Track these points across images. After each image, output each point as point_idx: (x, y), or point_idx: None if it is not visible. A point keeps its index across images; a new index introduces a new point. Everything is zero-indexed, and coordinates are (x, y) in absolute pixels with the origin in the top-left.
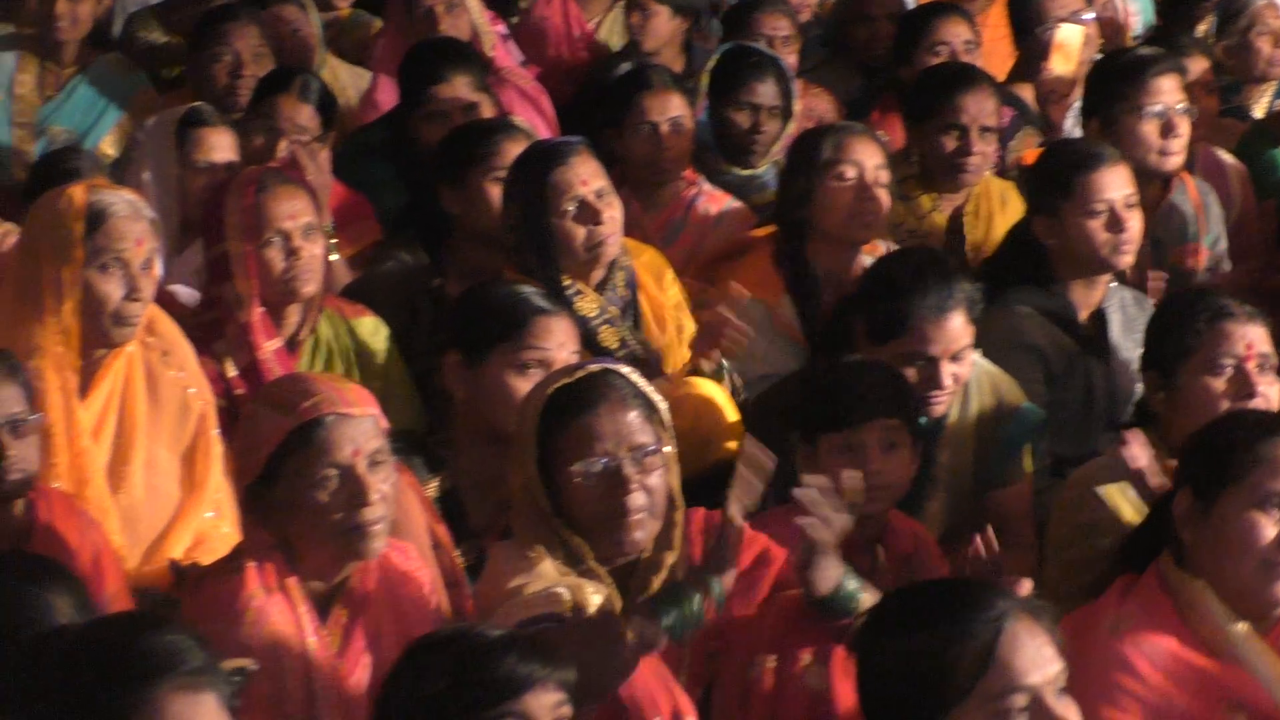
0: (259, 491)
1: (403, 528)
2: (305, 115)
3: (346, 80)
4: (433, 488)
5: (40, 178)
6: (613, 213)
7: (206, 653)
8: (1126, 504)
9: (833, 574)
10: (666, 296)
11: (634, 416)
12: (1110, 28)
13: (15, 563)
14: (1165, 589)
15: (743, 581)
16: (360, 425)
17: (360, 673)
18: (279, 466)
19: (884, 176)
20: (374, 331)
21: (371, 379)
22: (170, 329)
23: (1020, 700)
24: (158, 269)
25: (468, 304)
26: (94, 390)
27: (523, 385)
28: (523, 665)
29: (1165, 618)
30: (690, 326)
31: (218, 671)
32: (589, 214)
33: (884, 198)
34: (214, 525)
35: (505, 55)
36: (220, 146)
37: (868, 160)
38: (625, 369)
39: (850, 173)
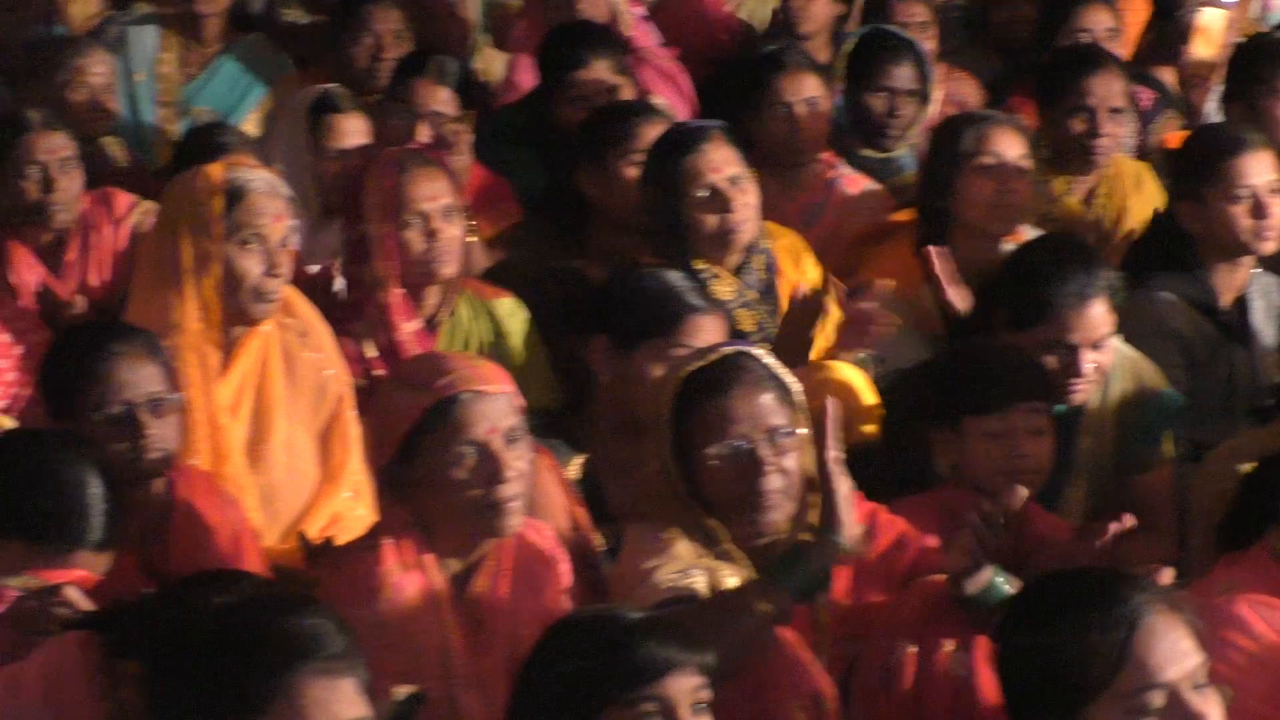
0: (395, 469)
1: (541, 508)
2: (442, 98)
3: (499, 64)
4: (574, 468)
5: (188, 153)
6: (747, 199)
7: (347, 637)
8: None
9: (983, 576)
10: (805, 280)
11: (768, 399)
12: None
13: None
14: (1276, 560)
15: (881, 566)
16: (496, 402)
17: (496, 650)
18: (415, 444)
19: (1026, 167)
20: (512, 313)
21: (509, 361)
22: (307, 310)
23: (1157, 698)
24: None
25: (621, 290)
26: (232, 367)
27: None
28: (663, 649)
29: (1277, 586)
30: (834, 313)
31: (357, 656)
32: (721, 201)
33: (1025, 189)
34: (351, 506)
35: (644, 35)
36: (352, 132)
37: (1009, 151)
38: (759, 351)
39: (991, 164)
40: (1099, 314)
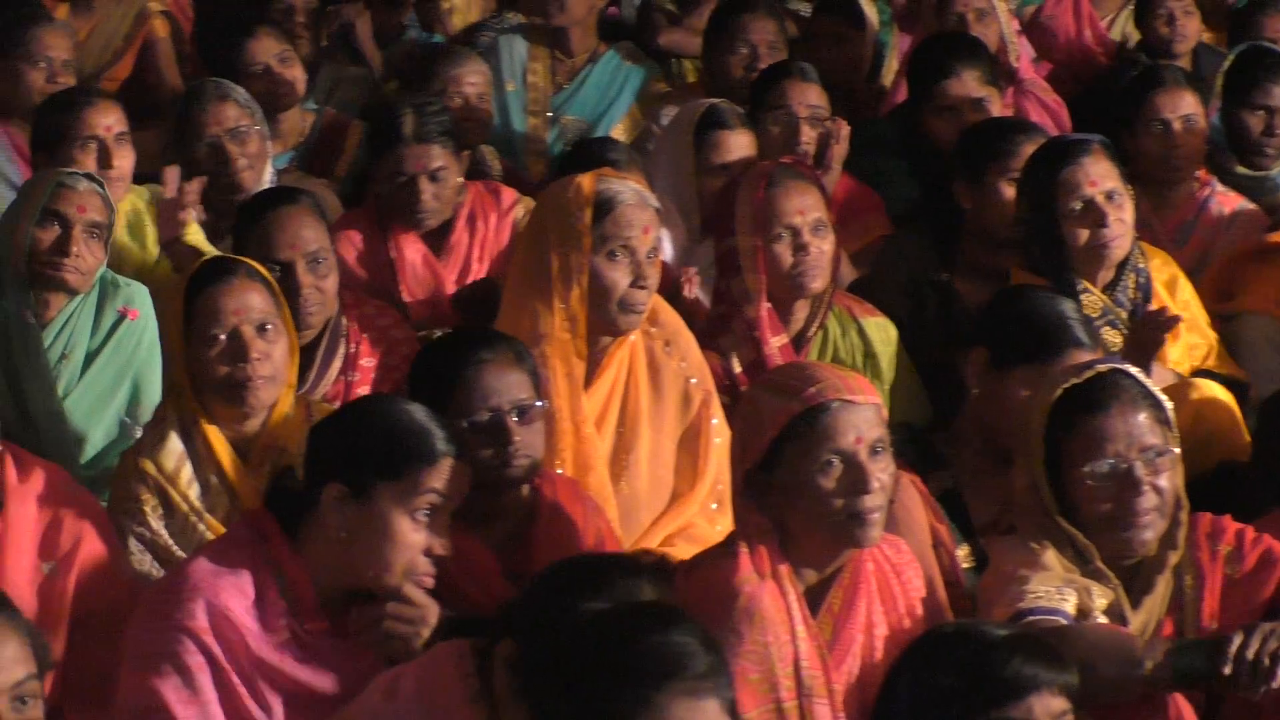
0: (758, 476)
1: (903, 523)
2: (814, 95)
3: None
4: (938, 483)
5: (572, 167)
6: (1121, 215)
7: (713, 656)
8: None
9: None
10: (1177, 303)
11: (1144, 418)
12: None
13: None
14: None
15: (1247, 586)
16: (863, 413)
17: (850, 663)
18: (780, 451)
19: None
20: (882, 331)
21: (879, 377)
22: (672, 318)
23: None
24: (664, 256)
25: (1009, 308)
26: (599, 379)
27: None
28: (1029, 668)
29: None
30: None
31: (722, 675)
32: (1095, 215)
33: None
34: (712, 516)
35: (1028, 66)
36: (738, 147)
37: None
38: (1134, 369)
39: None
40: None
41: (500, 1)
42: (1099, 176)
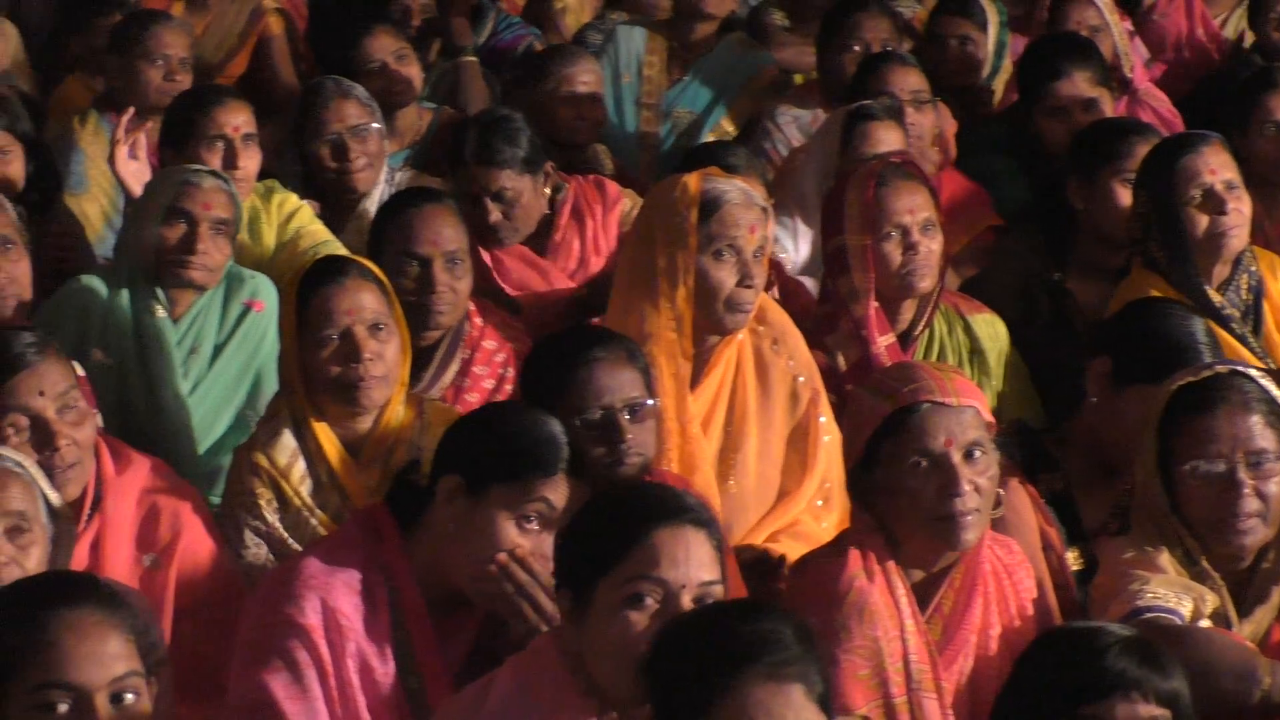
0: (861, 476)
1: (1013, 525)
2: (915, 79)
3: None
4: (1048, 485)
5: (690, 169)
6: (1240, 206)
7: (803, 646)
8: None
9: None
10: None
11: (1255, 421)
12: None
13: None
14: None
15: None
16: (958, 415)
17: (961, 663)
18: (876, 451)
19: None
20: (990, 327)
21: (987, 376)
22: (780, 317)
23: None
24: (772, 256)
25: (1135, 323)
26: (706, 379)
27: None
28: (1121, 665)
29: None
30: None
31: (810, 664)
32: (1215, 202)
33: None
34: (819, 513)
35: (1142, 75)
36: (887, 141)
37: None
38: (1255, 372)
39: None
40: None
41: (608, 2)
42: (1219, 166)
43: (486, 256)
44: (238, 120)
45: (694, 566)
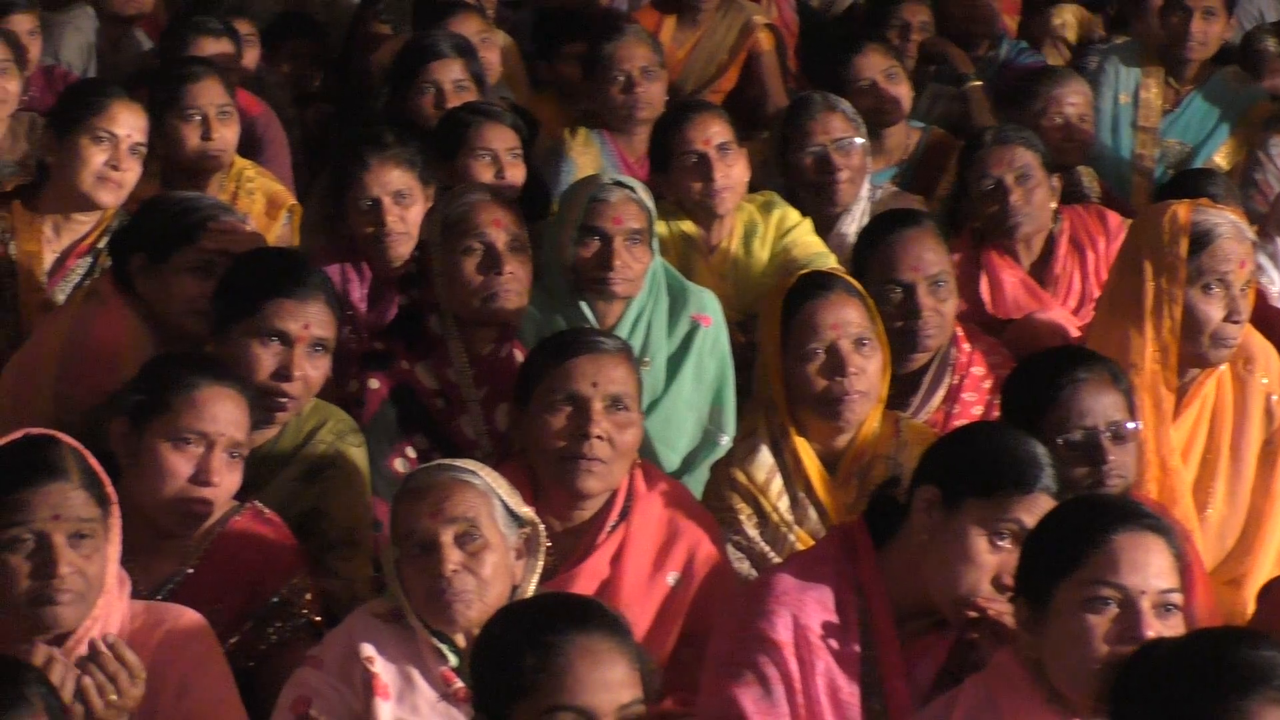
0: None
1: None
2: None
3: None
4: None
5: (1170, 196)
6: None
7: None
8: None
9: None
10: None
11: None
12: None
13: None
14: None
15: None
16: None
17: None
18: None
19: None
20: None
21: None
22: (1253, 335)
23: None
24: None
25: None
26: (1185, 409)
27: None
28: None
29: None
30: None
31: None
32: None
33: None
34: None
35: None
36: None
37: None
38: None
39: None
40: None
41: (1108, 24)
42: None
43: (986, 278)
44: (711, 131)
45: (1153, 574)
